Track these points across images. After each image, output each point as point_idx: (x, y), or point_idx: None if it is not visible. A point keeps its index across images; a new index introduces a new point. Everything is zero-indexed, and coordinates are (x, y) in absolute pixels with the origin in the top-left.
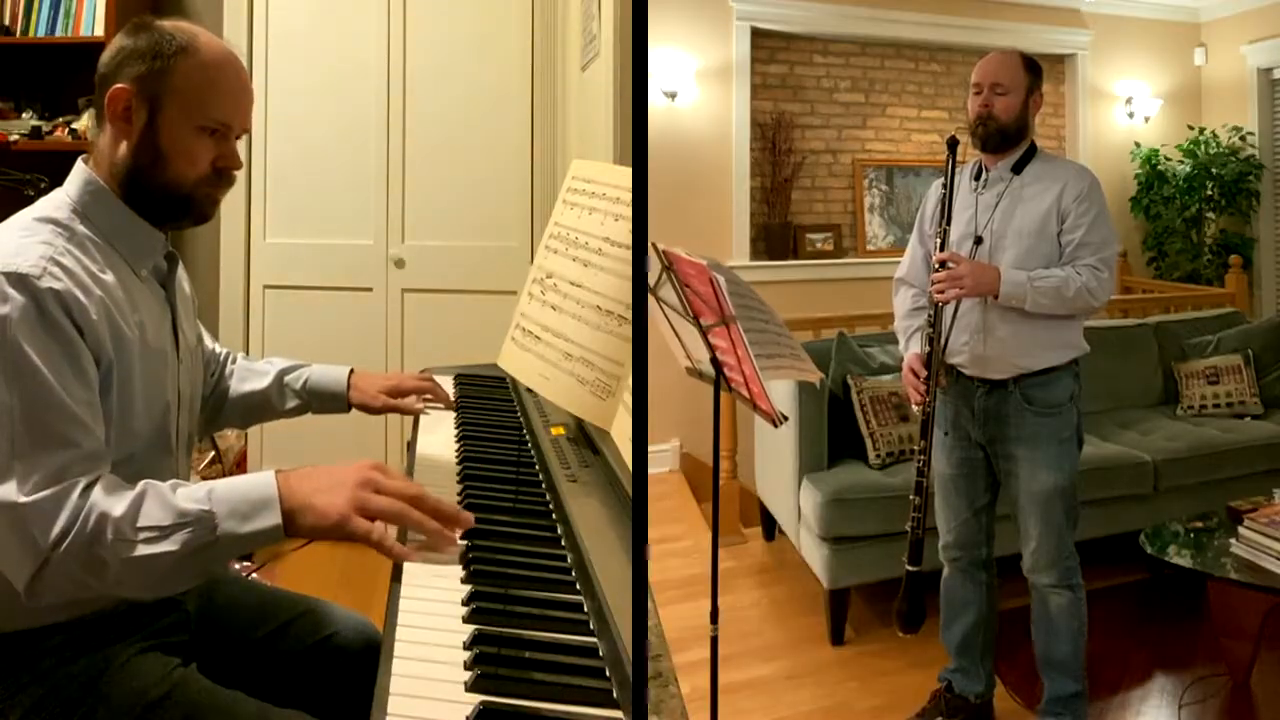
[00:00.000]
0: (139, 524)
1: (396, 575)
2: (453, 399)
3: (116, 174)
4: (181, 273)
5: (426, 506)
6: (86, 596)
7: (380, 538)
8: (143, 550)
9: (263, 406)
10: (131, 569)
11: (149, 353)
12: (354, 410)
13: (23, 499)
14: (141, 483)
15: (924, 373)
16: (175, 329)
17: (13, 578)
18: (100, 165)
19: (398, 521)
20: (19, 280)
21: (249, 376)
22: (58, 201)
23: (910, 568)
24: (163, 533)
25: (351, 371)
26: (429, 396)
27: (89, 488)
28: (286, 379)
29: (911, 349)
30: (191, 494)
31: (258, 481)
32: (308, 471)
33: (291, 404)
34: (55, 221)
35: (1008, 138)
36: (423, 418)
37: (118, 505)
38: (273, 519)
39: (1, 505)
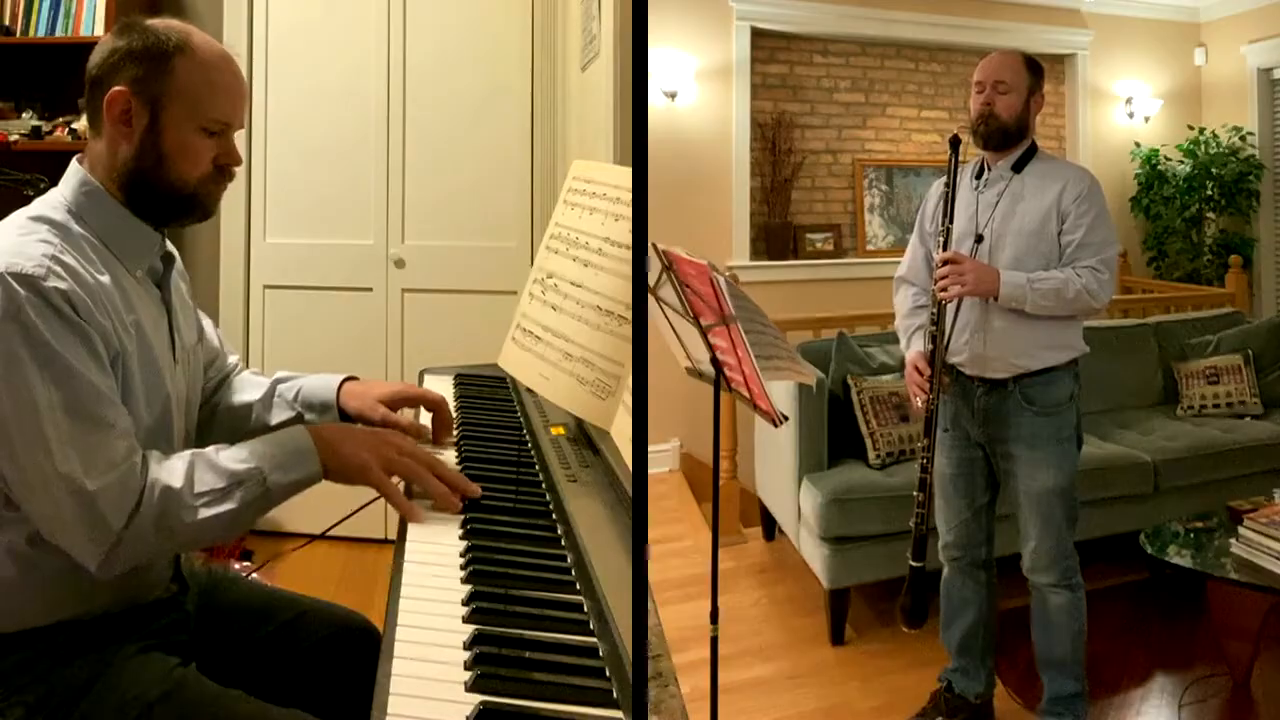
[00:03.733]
0: (197, 490)
1: (396, 575)
2: (455, 432)
3: (117, 176)
4: (178, 273)
5: (439, 473)
6: (156, 558)
7: (391, 491)
8: (205, 513)
9: (248, 420)
10: (197, 530)
11: (146, 352)
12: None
13: (93, 486)
14: (187, 453)
15: (928, 371)
16: (172, 329)
17: (82, 557)
18: (97, 167)
19: (413, 478)
20: (25, 280)
21: (244, 388)
22: (53, 202)
23: (914, 563)
24: (221, 494)
25: (347, 379)
26: (425, 429)
27: (144, 465)
28: (280, 389)
29: (914, 347)
30: (234, 455)
31: (292, 435)
32: (337, 425)
33: (281, 416)
34: (51, 221)
35: (1009, 136)
36: (424, 418)
37: (175, 477)
38: (313, 465)
39: (75, 494)
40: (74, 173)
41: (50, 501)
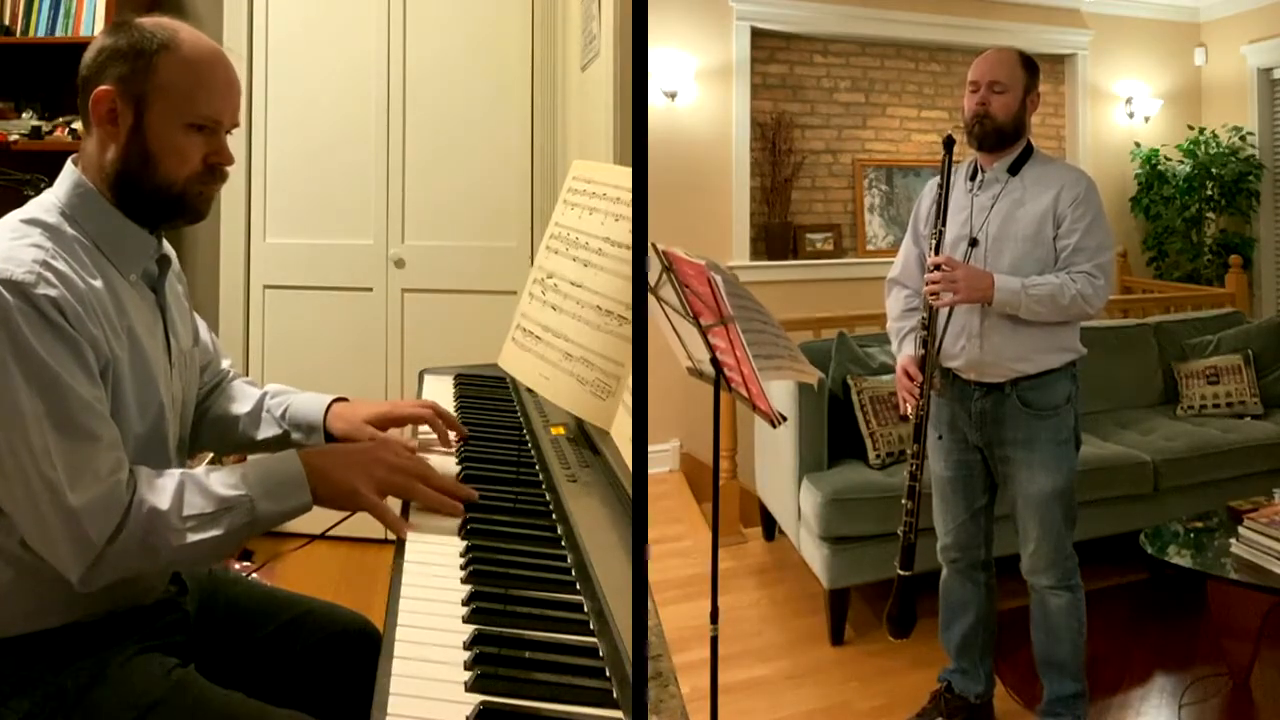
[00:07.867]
0: (185, 513)
1: (396, 575)
2: (453, 437)
3: (106, 177)
4: (174, 275)
5: (432, 482)
6: (140, 575)
7: (384, 511)
8: (191, 537)
9: (235, 430)
10: (181, 553)
11: (140, 357)
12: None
13: (76, 501)
14: (177, 473)
15: (918, 377)
16: (167, 333)
17: (65, 571)
18: (89, 168)
19: (405, 495)
20: (14, 287)
21: (235, 397)
22: (46, 204)
23: (902, 572)
24: (208, 519)
25: (336, 400)
26: (425, 430)
27: (131, 482)
28: (268, 403)
29: (905, 351)
30: (225, 479)
31: (284, 462)
32: (327, 449)
33: (268, 433)
34: (43, 224)
35: (1004, 137)
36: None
37: (163, 498)
38: (303, 495)
39: (59, 506)
40: (68, 174)
41: (34, 512)
